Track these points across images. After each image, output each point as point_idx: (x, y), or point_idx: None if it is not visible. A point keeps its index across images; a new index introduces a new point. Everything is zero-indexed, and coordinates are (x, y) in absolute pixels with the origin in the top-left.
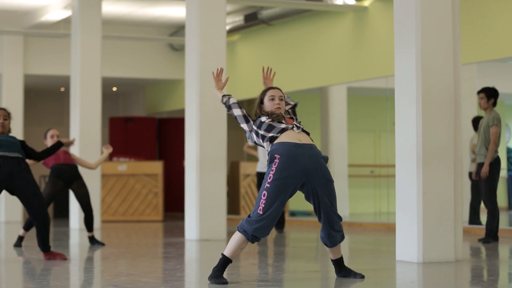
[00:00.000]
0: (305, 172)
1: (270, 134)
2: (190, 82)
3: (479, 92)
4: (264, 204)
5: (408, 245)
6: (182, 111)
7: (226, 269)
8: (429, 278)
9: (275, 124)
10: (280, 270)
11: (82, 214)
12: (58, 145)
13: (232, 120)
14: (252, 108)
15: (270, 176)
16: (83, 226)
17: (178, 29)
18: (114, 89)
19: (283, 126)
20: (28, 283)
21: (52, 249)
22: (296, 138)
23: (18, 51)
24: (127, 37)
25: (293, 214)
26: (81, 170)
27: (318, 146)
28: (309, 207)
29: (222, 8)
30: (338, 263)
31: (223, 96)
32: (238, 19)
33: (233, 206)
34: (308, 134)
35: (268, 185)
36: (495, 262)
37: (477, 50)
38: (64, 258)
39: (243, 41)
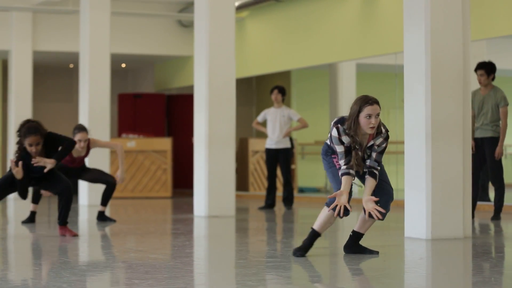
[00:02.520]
0: None
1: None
2: (199, 59)
3: (477, 69)
4: None
5: (416, 222)
6: (191, 87)
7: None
8: (438, 254)
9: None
10: (289, 247)
11: (92, 191)
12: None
13: (241, 97)
14: (262, 84)
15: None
16: (93, 202)
17: (187, 5)
18: (123, 65)
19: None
20: (38, 259)
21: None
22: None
23: (27, 28)
24: (136, 14)
25: (301, 190)
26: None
27: (328, 123)
28: (318, 183)
29: None
30: (356, 238)
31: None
32: None
33: (241, 183)
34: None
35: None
36: (503, 239)
37: (486, 27)
38: (74, 234)
39: (252, 18)
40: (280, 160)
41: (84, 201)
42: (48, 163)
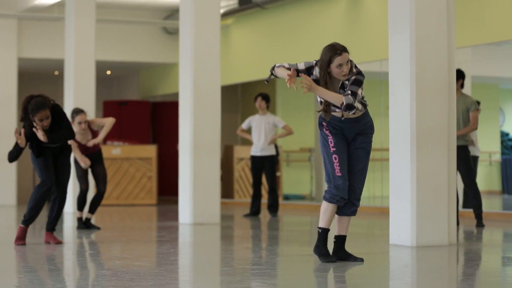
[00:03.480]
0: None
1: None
2: (184, 66)
3: None
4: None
5: (401, 229)
6: (176, 94)
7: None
8: (423, 261)
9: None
10: (274, 254)
11: (75, 198)
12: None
13: (226, 104)
14: (247, 91)
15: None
16: (76, 210)
17: (172, 12)
18: (108, 72)
19: (337, 114)
20: (23, 267)
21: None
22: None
23: (12, 35)
24: (121, 21)
25: (287, 198)
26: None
27: (313, 130)
28: (303, 191)
29: None
30: (340, 242)
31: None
32: (232, 3)
33: (227, 190)
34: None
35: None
36: (487, 246)
37: (471, 34)
38: (58, 242)
39: (237, 25)
40: (265, 167)
41: (69, 209)
42: (41, 136)
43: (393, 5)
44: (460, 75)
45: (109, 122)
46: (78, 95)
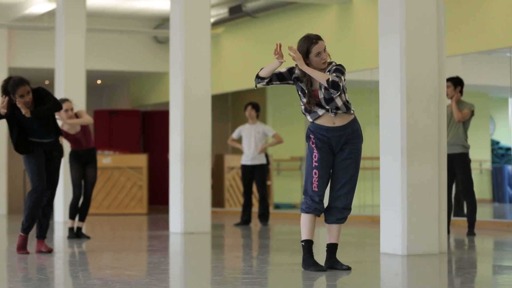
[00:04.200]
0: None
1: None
2: (174, 75)
3: None
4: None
5: (392, 238)
6: (167, 104)
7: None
8: (414, 270)
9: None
10: (265, 263)
11: (66, 207)
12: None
13: (216, 113)
14: (238, 100)
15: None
16: (68, 219)
17: (162, 21)
18: (99, 82)
19: (320, 112)
20: (13, 276)
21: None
22: (331, 121)
23: (2, 44)
24: (112, 30)
25: (277, 206)
26: None
27: (303, 138)
28: (293, 199)
29: (206, 0)
30: (332, 250)
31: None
32: (223, 12)
33: (217, 199)
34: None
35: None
36: (478, 254)
37: (461, 42)
38: (49, 249)
39: (227, 34)
40: (256, 176)
41: (60, 218)
42: (25, 112)
43: (383, 14)
44: (459, 81)
45: (88, 117)
46: None
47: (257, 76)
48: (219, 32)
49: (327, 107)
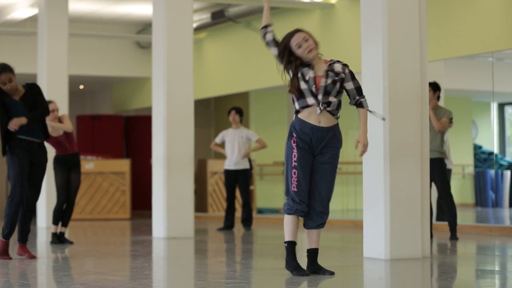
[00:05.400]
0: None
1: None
2: (157, 80)
3: None
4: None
5: (375, 242)
6: (149, 109)
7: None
8: (397, 275)
9: (305, 90)
10: (248, 268)
11: (49, 212)
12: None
13: (199, 118)
14: (220, 105)
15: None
16: (51, 225)
17: (145, 27)
18: (81, 87)
19: (310, 102)
20: None
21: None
22: (317, 120)
23: None
24: (94, 35)
25: (260, 211)
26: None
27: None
28: (276, 204)
29: (188, 5)
30: (313, 255)
31: (265, 27)
32: (205, 17)
33: (200, 204)
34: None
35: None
36: (461, 258)
37: (444, 47)
38: (32, 256)
39: (210, 39)
40: (239, 181)
41: (43, 223)
42: (23, 121)
43: (365, 19)
44: (437, 87)
45: (69, 125)
46: None
47: (261, 28)
48: (202, 37)
49: (319, 98)
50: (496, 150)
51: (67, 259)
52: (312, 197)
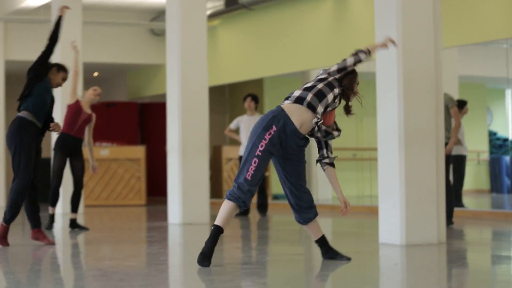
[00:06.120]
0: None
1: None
2: (171, 67)
3: None
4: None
5: (391, 228)
6: (164, 95)
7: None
8: (412, 260)
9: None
10: (264, 253)
11: (66, 199)
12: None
13: (213, 105)
14: (235, 91)
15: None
16: (67, 211)
17: (159, 14)
18: (96, 74)
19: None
20: (11, 268)
21: None
22: (301, 121)
23: None
24: (108, 23)
25: (276, 197)
26: None
27: None
28: None
29: None
30: (322, 243)
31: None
32: (219, 4)
33: (215, 190)
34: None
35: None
36: (477, 244)
37: (458, 34)
38: (51, 243)
39: (223, 26)
40: None
41: (59, 209)
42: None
43: (379, 6)
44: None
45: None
46: (66, 97)
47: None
48: (216, 24)
49: (318, 132)
50: (511, 136)
51: (83, 245)
52: (296, 197)
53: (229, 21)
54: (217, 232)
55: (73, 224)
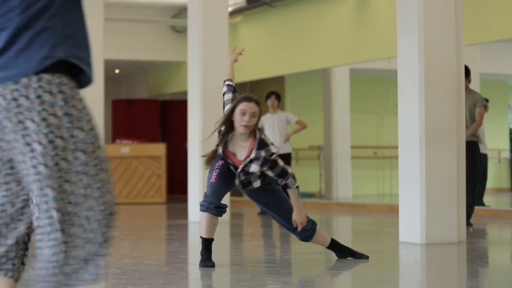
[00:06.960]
0: None
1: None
2: (192, 64)
3: None
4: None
5: (411, 227)
6: (185, 93)
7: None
8: (432, 259)
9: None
10: (284, 252)
11: None
12: None
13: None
14: (256, 89)
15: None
16: None
17: (180, 11)
18: (117, 71)
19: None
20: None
21: None
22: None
23: None
24: (130, 19)
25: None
26: None
27: (322, 127)
28: (312, 188)
29: None
30: (334, 247)
31: (226, 82)
32: (241, 1)
33: (236, 188)
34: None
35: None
36: (497, 243)
37: (479, 31)
38: None
39: (245, 23)
40: None
41: None
42: None
43: (401, 3)
44: (468, 71)
45: None
46: (87, 94)
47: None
48: (237, 21)
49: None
50: None
51: None
52: (285, 220)
53: (250, 18)
54: (206, 243)
55: None
